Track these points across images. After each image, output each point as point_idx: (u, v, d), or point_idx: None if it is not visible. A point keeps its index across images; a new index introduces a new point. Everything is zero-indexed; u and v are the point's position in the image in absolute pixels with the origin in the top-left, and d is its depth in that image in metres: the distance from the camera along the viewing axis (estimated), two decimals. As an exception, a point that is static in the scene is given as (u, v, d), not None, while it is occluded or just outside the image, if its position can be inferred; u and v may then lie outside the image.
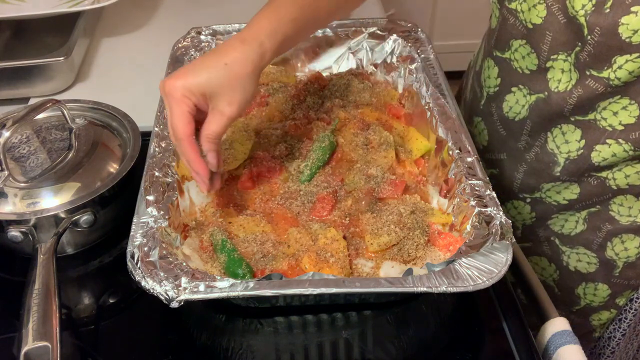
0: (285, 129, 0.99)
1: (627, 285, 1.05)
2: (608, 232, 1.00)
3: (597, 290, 1.07)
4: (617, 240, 1.00)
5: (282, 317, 0.79)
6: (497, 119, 1.04)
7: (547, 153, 0.97)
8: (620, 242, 1.00)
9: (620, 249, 1.00)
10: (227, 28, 1.13)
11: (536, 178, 1.01)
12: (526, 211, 1.07)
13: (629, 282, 1.04)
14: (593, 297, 1.08)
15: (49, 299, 0.72)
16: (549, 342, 0.80)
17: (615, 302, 1.08)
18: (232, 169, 0.93)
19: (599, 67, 0.84)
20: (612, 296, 1.07)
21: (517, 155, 1.03)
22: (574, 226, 1.03)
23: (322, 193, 0.88)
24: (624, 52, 0.81)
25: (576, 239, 1.04)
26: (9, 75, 1.18)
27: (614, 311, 1.09)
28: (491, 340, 0.80)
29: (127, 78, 1.28)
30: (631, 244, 1.00)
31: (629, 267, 1.02)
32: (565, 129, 0.93)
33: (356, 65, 1.14)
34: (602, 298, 1.08)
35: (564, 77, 0.89)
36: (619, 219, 0.98)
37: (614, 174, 0.93)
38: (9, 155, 0.91)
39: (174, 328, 0.81)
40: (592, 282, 1.07)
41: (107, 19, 1.48)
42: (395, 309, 0.81)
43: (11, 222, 0.83)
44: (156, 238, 0.74)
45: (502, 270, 0.70)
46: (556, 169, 0.97)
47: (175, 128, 0.76)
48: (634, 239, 0.99)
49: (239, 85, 0.77)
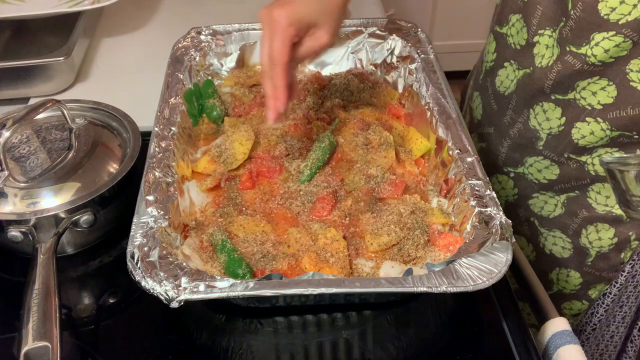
0: (285, 129, 0.99)
1: (598, 277, 1.06)
2: (584, 219, 1.02)
3: (570, 277, 1.09)
4: (592, 228, 1.02)
5: (282, 317, 0.79)
6: (491, 94, 1.07)
7: (530, 129, 1.00)
8: (595, 230, 1.02)
9: (595, 238, 1.02)
10: (227, 28, 1.13)
11: (520, 152, 1.04)
12: (509, 186, 1.10)
13: (601, 274, 1.06)
14: (565, 283, 1.11)
15: (49, 299, 0.72)
16: (549, 342, 0.80)
17: (587, 294, 1.09)
18: (232, 169, 0.93)
19: (578, 43, 0.86)
20: (583, 286, 1.09)
21: (502, 129, 1.06)
22: (553, 209, 1.05)
23: (322, 193, 0.88)
24: (601, 29, 0.83)
25: (554, 222, 1.06)
26: (9, 75, 1.18)
27: (586, 303, 1.11)
28: (491, 340, 0.80)
29: (127, 78, 1.28)
30: (605, 234, 1.01)
31: (601, 257, 1.04)
32: (546, 107, 0.96)
33: (356, 65, 1.14)
34: (573, 286, 1.10)
35: (547, 53, 0.92)
36: (596, 207, 1.00)
37: (593, 159, 0.96)
38: (9, 155, 0.91)
39: (174, 328, 0.81)
40: (565, 268, 1.09)
41: (107, 19, 1.48)
42: (395, 309, 0.81)
43: (11, 222, 0.83)
44: (156, 238, 0.74)
45: (502, 270, 0.70)
46: (539, 143, 1.00)
47: (276, 53, 0.80)
48: (609, 230, 1.01)
49: (337, 15, 0.85)
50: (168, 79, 1.01)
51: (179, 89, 1.00)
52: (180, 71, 1.03)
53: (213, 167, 0.93)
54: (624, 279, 1.06)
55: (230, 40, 1.12)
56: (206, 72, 1.11)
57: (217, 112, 1.03)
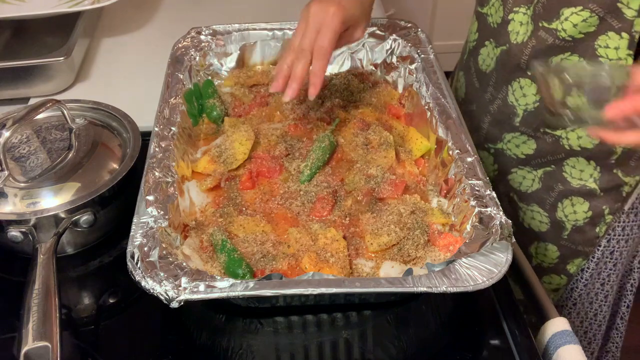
0: (285, 129, 0.99)
1: (575, 251, 1.10)
2: (560, 193, 1.06)
3: (547, 250, 1.13)
4: (568, 202, 1.06)
5: (282, 317, 0.79)
6: (473, 72, 1.12)
7: (508, 105, 1.05)
8: (570, 204, 1.06)
9: (570, 212, 1.07)
10: (227, 28, 1.13)
11: (499, 128, 1.08)
12: (489, 162, 1.13)
13: (577, 248, 1.09)
14: (544, 257, 1.14)
15: (49, 299, 0.72)
16: (549, 342, 0.80)
17: (565, 268, 1.13)
18: (232, 169, 0.93)
19: (549, 19, 0.91)
20: (561, 260, 1.13)
21: (484, 106, 1.10)
22: (531, 184, 1.09)
23: (322, 193, 0.88)
24: (570, 4, 0.89)
25: (532, 196, 1.10)
26: (9, 75, 1.18)
27: (565, 277, 1.14)
28: (491, 340, 0.80)
29: (127, 78, 1.28)
30: (580, 207, 1.06)
31: (577, 231, 1.08)
32: (522, 82, 1.01)
33: (356, 65, 1.14)
34: (551, 259, 1.13)
35: (521, 30, 0.97)
36: (571, 180, 1.04)
37: (567, 134, 1.00)
38: (9, 155, 0.91)
39: (174, 328, 0.81)
40: (544, 242, 1.13)
41: (107, 19, 1.48)
42: (395, 309, 0.81)
43: (11, 222, 0.83)
44: (156, 238, 0.74)
45: (502, 270, 0.70)
46: (516, 119, 1.04)
47: (327, 44, 0.89)
48: (583, 204, 1.05)
49: (369, 15, 0.99)
50: (168, 79, 1.01)
51: (179, 89, 1.00)
52: (180, 71, 1.03)
53: (213, 167, 0.93)
54: (600, 254, 1.10)
55: (230, 40, 1.12)
56: (206, 72, 1.11)
57: (217, 112, 1.03)
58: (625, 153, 0.99)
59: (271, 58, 1.14)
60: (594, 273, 1.13)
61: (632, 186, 1.03)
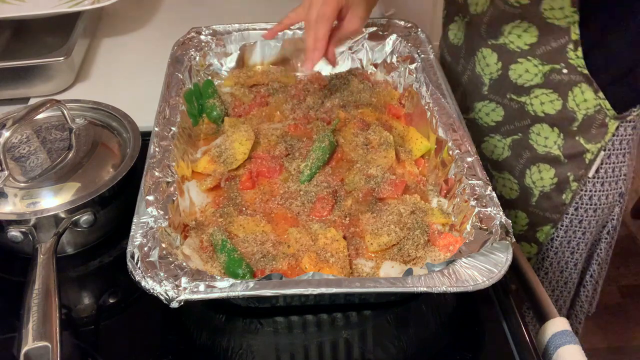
0: (285, 129, 0.99)
1: (543, 217, 1.15)
2: (527, 160, 1.12)
3: (517, 218, 1.18)
4: (535, 168, 1.13)
5: (282, 317, 0.79)
6: (445, 48, 1.22)
7: (476, 75, 1.12)
8: (537, 170, 1.12)
9: (537, 178, 1.12)
10: (227, 28, 1.13)
11: (470, 98, 1.15)
12: None
13: (545, 214, 1.14)
14: (514, 224, 1.16)
15: (49, 299, 0.72)
16: (549, 342, 0.80)
17: (535, 236, 1.18)
18: (232, 169, 0.93)
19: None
20: (530, 227, 1.18)
21: (457, 78, 1.16)
22: (502, 152, 1.15)
23: (322, 193, 0.88)
24: None
25: (503, 164, 1.16)
26: (9, 75, 1.18)
27: (535, 246, 1.19)
28: (491, 340, 0.80)
29: (127, 78, 1.28)
30: (546, 174, 1.11)
31: (544, 197, 1.13)
32: (485, 52, 1.08)
33: (356, 65, 1.14)
34: (521, 227, 1.18)
35: (480, 0, 1.04)
36: (537, 147, 1.11)
37: (531, 100, 1.07)
38: (9, 155, 0.91)
39: (174, 328, 0.81)
40: (514, 209, 1.18)
41: (107, 19, 1.48)
42: (395, 309, 0.81)
43: (11, 222, 0.83)
44: (156, 238, 0.74)
45: (502, 270, 0.70)
46: (484, 88, 1.12)
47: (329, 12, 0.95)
48: (549, 170, 1.10)
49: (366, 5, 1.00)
50: (168, 79, 1.01)
51: (179, 89, 1.00)
52: (180, 71, 1.03)
53: (213, 167, 0.93)
54: (568, 222, 1.14)
55: (230, 40, 1.12)
56: (206, 72, 1.11)
57: (217, 112, 1.03)
58: (586, 120, 1.04)
59: (271, 58, 1.14)
60: (563, 241, 1.17)
61: (594, 153, 1.06)
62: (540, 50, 1.01)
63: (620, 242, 2.57)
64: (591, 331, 2.09)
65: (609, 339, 2.07)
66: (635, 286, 2.26)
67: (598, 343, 2.06)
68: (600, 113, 1.02)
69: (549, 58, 1.01)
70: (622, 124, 1.04)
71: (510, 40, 1.03)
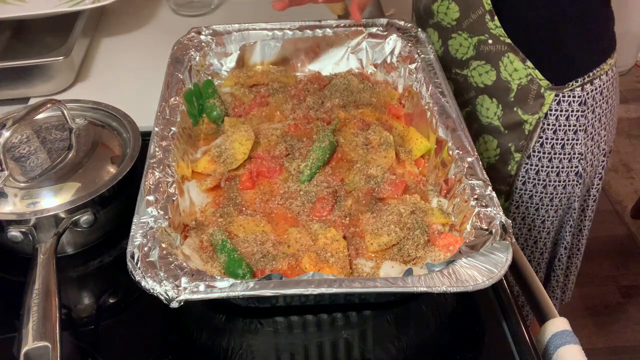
0: (285, 129, 0.99)
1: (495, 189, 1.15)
2: (476, 131, 1.18)
3: None
4: (482, 139, 1.18)
5: (282, 317, 0.79)
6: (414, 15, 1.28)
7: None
8: (483, 141, 1.18)
9: (484, 149, 1.17)
10: (227, 28, 1.13)
11: None
12: None
13: (495, 186, 1.13)
14: None
15: (49, 299, 0.72)
16: (549, 342, 0.80)
17: None
18: (232, 169, 0.93)
19: None
20: None
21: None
22: None
23: (322, 193, 0.88)
24: None
25: None
26: (9, 75, 1.18)
27: None
28: (491, 340, 0.80)
29: (127, 78, 1.28)
30: (491, 145, 1.15)
31: (491, 169, 1.16)
32: (430, 32, 1.17)
33: (356, 65, 1.14)
34: None
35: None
36: (481, 118, 1.16)
37: (471, 72, 1.13)
38: (9, 155, 0.91)
39: (174, 328, 0.81)
40: None
41: (107, 19, 1.48)
42: (395, 309, 0.81)
43: (11, 222, 0.83)
44: (156, 238, 0.74)
45: (502, 270, 0.70)
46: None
47: None
48: (492, 141, 1.15)
49: None
50: (168, 79, 1.01)
51: (179, 89, 1.00)
52: (180, 71, 1.03)
53: (213, 167, 0.93)
54: (518, 196, 1.17)
55: (230, 40, 1.12)
56: (206, 72, 1.11)
57: (217, 112, 1.03)
58: (521, 90, 1.07)
59: (271, 58, 1.14)
60: (517, 217, 1.20)
61: (532, 124, 1.09)
62: (465, 24, 1.08)
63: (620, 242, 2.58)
64: (591, 331, 2.09)
65: (609, 339, 2.07)
66: (635, 286, 2.26)
67: (598, 343, 2.06)
68: (533, 83, 1.06)
69: (473, 29, 1.08)
70: (563, 98, 1.07)
71: (440, 18, 1.12)
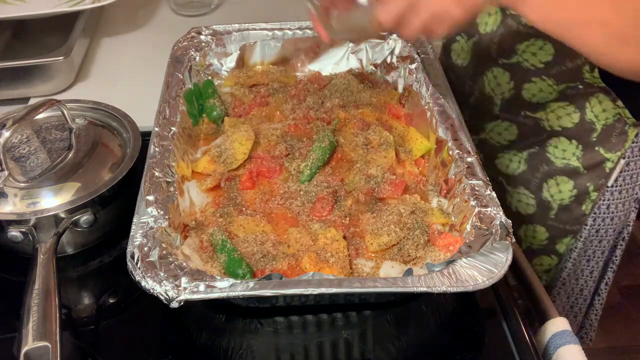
0: (285, 129, 0.99)
1: (563, 230, 1.12)
2: (545, 173, 1.09)
3: (536, 232, 1.15)
4: (553, 182, 1.10)
5: (282, 317, 0.79)
6: (448, 65, 1.18)
7: (486, 96, 1.09)
8: (555, 183, 1.09)
9: (555, 191, 1.09)
10: (227, 28, 1.13)
11: (480, 119, 1.12)
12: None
13: (565, 227, 1.11)
14: (532, 239, 1.16)
15: (49, 299, 0.72)
16: (549, 342, 0.80)
17: (555, 249, 1.15)
18: (232, 169, 0.93)
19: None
20: (550, 240, 1.15)
21: (463, 99, 1.12)
22: (517, 166, 1.12)
23: (322, 193, 0.88)
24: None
25: (518, 179, 1.13)
26: (9, 75, 1.18)
27: (555, 258, 1.17)
28: (491, 340, 0.80)
29: (127, 78, 1.28)
30: (565, 186, 1.08)
31: (564, 210, 1.10)
32: (496, 72, 1.06)
33: (356, 65, 1.14)
34: (540, 241, 1.15)
35: (490, 20, 1.02)
36: (554, 160, 1.07)
37: (547, 115, 1.04)
38: (9, 155, 0.91)
39: (174, 328, 0.81)
40: (532, 224, 1.15)
41: (107, 19, 1.48)
42: (395, 309, 0.81)
43: (11, 222, 0.83)
44: (156, 238, 0.74)
45: (502, 270, 0.70)
46: (495, 108, 1.09)
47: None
48: (568, 182, 1.07)
49: None
50: (168, 79, 1.01)
51: (179, 89, 1.00)
52: (180, 71, 1.03)
53: (213, 167, 0.93)
54: (587, 232, 1.12)
55: (230, 40, 1.12)
56: (206, 72, 1.11)
57: (217, 112, 1.03)
58: (605, 130, 1.02)
59: (271, 58, 1.14)
60: (581, 252, 1.16)
61: (614, 162, 1.05)
62: (555, 70, 0.98)
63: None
64: (591, 331, 2.09)
65: (609, 339, 2.07)
66: (635, 286, 2.26)
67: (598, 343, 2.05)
68: (620, 122, 1.00)
69: (563, 77, 0.99)
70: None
71: (524, 58, 1.00)
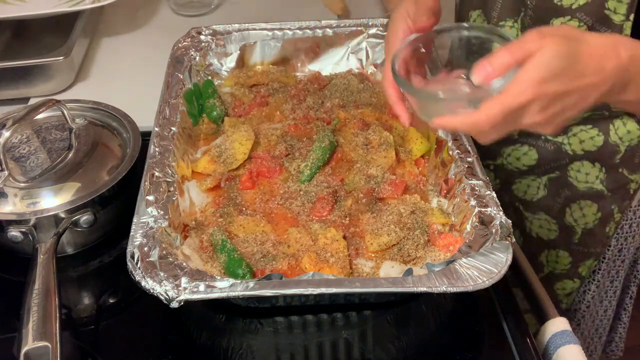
0: (285, 129, 0.99)
1: (587, 253, 1.09)
2: (567, 198, 1.05)
3: (559, 257, 1.12)
4: (576, 206, 1.05)
5: (282, 317, 0.79)
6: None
7: None
8: (578, 208, 1.06)
9: (579, 215, 1.06)
10: (227, 28, 1.13)
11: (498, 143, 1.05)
12: (491, 178, 1.11)
13: (589, 250, 1.09)
14: (555, 264, 1.13)
15: (49, 299, 0.72)
16: (549, 342, 0.80)
17: (577, 272, 1.12)
18: (232, 169, 0.93)
19: None
20: (573, 264, 1.12)
21: None
22: (536, 192, 1.08)
23: (322, 193, 0.88)
24: (558, 14, 0.88)
25: (537, 204, 1.09)
26: (9, 75, 1.18)
27: (577, 281, 1.14)
28: (491, 340, 0.80)
29: (127, 78, 1.28)
30: (589, 210, 1.05)
31: (588, 234, 1.07)
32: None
33: (356, 65, 1.14)
34: (564, 265, 1.12)
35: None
36: (577, 184, 1.03)
37: (569, 139, 1.00)
38: (9, 155, 0.91)
39: (174, 328, 0.81)
40: (554, 249, 1.12)
41: (107, 19, 1.48)
42: (395, 309, 0.81)
43: (11, 222, 0.83)
44: (156, 238, 0.74)
45: (502, 270, 0.70)
46: (514, 132, 1.03)
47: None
48: (592, 206, 1.04)
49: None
50: (168, 79, 1.01)
51: (179, 89, 1.00)
52: (180, 71, 1.03)
53: (213, 167, 0.93)
54: (610, 254, 1.10)
55: (230, 40, 1.12)
56: (206, 72, 1.11)
57: (217, 112, 1.03)
58: (629, 151, 0.99)
59: (271, 58, 1.14)
60: (604, 273, 1.13)
61: (639, 182, 1.03)
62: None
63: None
64: (591, 331, 2.09)
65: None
66: (635, 286, 2.26)
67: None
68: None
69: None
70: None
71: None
